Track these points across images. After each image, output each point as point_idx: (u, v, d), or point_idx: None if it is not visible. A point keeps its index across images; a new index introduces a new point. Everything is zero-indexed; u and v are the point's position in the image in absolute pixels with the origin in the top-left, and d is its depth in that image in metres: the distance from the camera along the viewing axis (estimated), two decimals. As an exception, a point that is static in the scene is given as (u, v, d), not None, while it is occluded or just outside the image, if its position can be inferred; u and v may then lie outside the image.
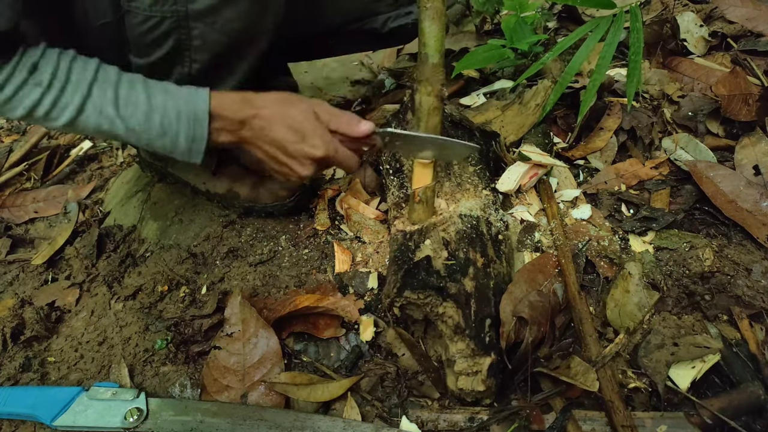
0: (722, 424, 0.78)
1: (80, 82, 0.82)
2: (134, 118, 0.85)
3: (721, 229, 1.06)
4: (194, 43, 0.90)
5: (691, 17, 1.52)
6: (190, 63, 0.94)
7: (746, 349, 0.87)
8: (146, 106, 0.85)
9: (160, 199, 1.32)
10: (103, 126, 0.85)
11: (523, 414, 0.82)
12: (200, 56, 0.93)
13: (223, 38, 0.91)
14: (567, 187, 1.17)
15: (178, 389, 0.94)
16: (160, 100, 0.86)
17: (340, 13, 1.30)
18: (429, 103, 0.90)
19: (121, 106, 0.84)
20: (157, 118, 0.85)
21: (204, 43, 0.91)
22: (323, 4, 1.29)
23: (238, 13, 0.89)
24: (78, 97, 0.82)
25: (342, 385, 0.88)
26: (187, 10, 0.86)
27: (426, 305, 0.84)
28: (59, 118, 0.83)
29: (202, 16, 0.87)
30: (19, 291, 1.21)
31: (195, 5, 0.85)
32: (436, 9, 0.84)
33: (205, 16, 0.87)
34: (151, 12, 0.85)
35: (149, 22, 0.87)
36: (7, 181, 1.60)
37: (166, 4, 0.84)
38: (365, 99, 1.63)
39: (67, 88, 0.82)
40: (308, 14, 1.27)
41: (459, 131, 1.11)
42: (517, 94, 1.33)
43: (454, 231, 0.92)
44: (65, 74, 0.81)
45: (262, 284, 1.09)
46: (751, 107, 1.22)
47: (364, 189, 1.23)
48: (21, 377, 1.01)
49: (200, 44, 0.91)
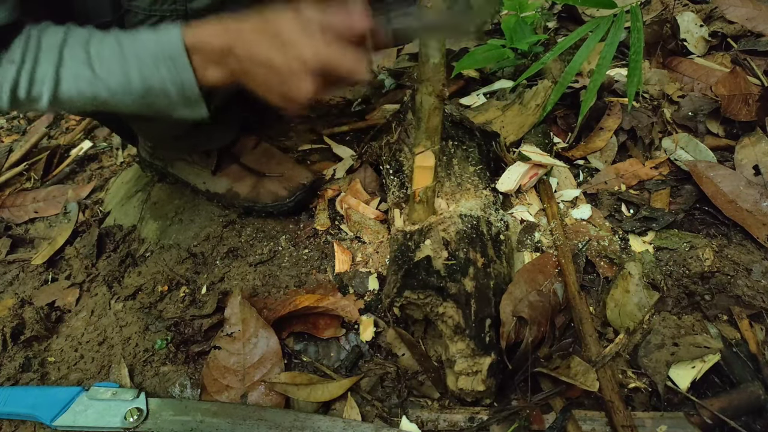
0: (722, 424, 0.78)
1: (50, 49, 0.77)
2: (113, 77, 0.78)
3: (721, 229, 1.06)
4: None
5: (691, 17, 1.52)
6: None
7: (746, 349, 0.87)
8: (120, 60, 0.78)
9: (160, 199, 1.32)
10: (86, 93, 0.79)
11: (523, 414, 0.82)
12: None
13: None
14: (567, 187, 1.17)
15: (178, 389, 0.95)
16: (131, 49, 0.79)
17: None
18: (430, 103, 0.90)
19: (95, 65, 0.78)
20: (135, 71, 0.79)
21: None
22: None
23: (238, 12, 0.89)
24: (51, 66, 0.77)
25: (342, 385, 0.88)
26: (186, 8, 0.85)
27: (426, 305, 0.84)
28: (41, 95, 0.78)
29: (201, 14, 0.86)
30: (19, 291, 1.21)
31: (194, 4, 0.85)
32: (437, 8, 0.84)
33: (205, 15, 0.86)
34: (150, 11, 0.85)
35: (149, 21, 0.86)
36: (7, 181, 1.59)
37: (166, 3, 0.84)
38: (365, 99, 1.62)
39: (40, 59, 0.77)
40: None
41: (459, 131, 1.11)
42: (517, 94, 1.33)
43: (455, 231, 0.92)
44: (35, 45, 0.77)
45: (262, 284, 1.09)
46: (751, 107, 1.22)
47: (364, 189, 1.23)
48: (21, 377, 1.01)
49: None
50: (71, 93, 0.79)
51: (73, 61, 0.78)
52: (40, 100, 0.79)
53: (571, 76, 1.22)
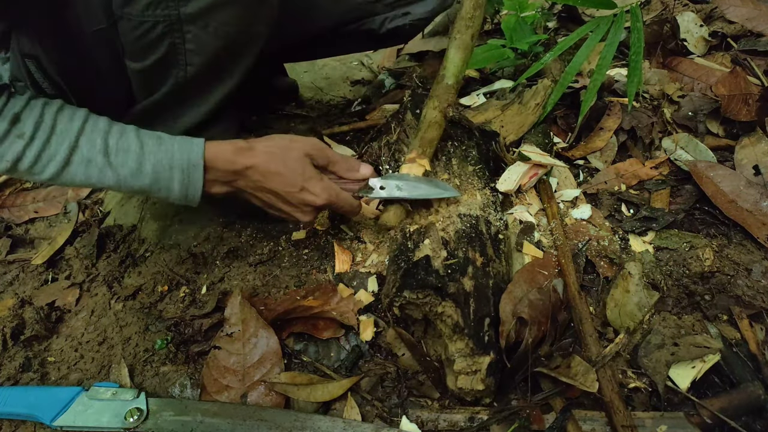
0: (722, 424, 0.78)
1: (66, 133, 0.81)
2: (126, 167, 0.83)
3: (721, 229, 1.05)
4: (188, 46, 0.90)
5: (691, 17, 1.52)
6: (185, 66, 0.93)
7: (746, 349, 0.87)
8: (138, 153, 0.83)
9: (160, 199, 1.32)
10: (91, 178, 0.82)
11: (523, 414, 0.82)
12: (195, 59, 0.92)
13: (218, 41, 0.91)
14: (567, 187, 1.17)
15: (178, 389, 0.94)
16: (153, 146, 0.84)
17: (336, 14, 1.30)
18: (432, 117, 0.95)
19: (112, 154, 0.82)
20: (149, 166, 0.84)
21: (198, 47, 0.90)
22: (319, 6, 1.29)
23: (231, 17, 0.89)
24: (64, 148, 0.80)
25: (342, 385, 0.88)
26: (179, 13, 0.85)
27: (425, 305, 0.84)
28: (43, 171, 0.81)
29: (194, 19, 0.86)
30: (19, 291, 1.21)
31: (187, 9, 0.85)
32: (464, 41, 0.96)
33: (197, 20, 0.87)
34: (144, 17, 0.85)
35: (142, 27, 0.86)
36: (7, 181, 1.60)
37: (159, 8, 0.84)
38: (365, 99, 1.63)
39: (52, 140, 0.80)
40: (304, 16, 1.27)
41: (458, 130, 1.11)
42: (517, 94, 1.33)
43: (454, 230, 0.92)
44: (50, 125, 0.80)
45: (262, 284, 1.09)
46: (751, 107, 1.22)
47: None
48: (21, 377, 1.01)
49: (194, 47, 0.90)
50: (76, 175, 0.82)
51: (90, 149, 0.82)
52: (40, 175, 0.81)
53: (571, 76, 1.21)
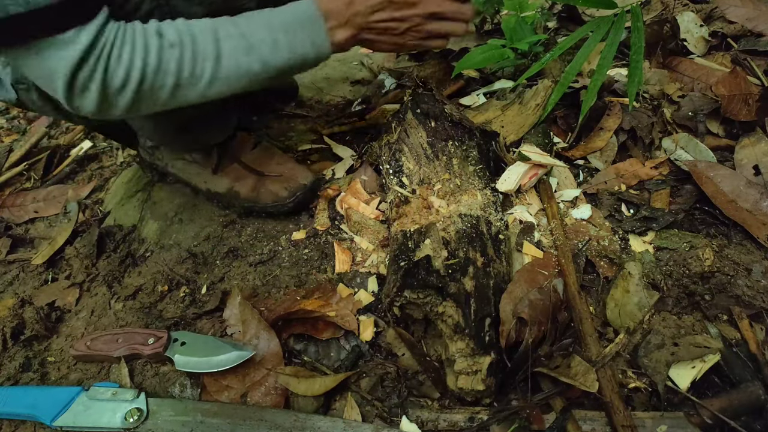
0: (722, 424, 0.78)
1: (204, 31, 0.82)
2: (265, 46, 0.85)
3: (721, 229, 1.05)
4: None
5: (691, 17, 1.52)
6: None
7: (746, 349, 0.87)
8: (268, 29, 0.85)
9: (160, 199, 1.32)
10: (242, 66, 0.84)
11: (523, 414, 0.82)
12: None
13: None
14: (567, 187, 1.17)
15: (178, 389, 0.94)
16: (276, 19, 0.87)
17: None
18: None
19: (248, 35, 0.84)
20: (282, 37, 0.86)
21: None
22: None
23: None
24: (209, 42, 0.81)
25: (336, 378, 0.89)
26: None
27: (426, 305, 0.84)
28: (203, 74, 0.82)
29: None
30: (19, 291, 1.21)
31: None
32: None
33: None
34: None
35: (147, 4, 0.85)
36: (7, 180, 1.60)
37: None
38: (365, 99, 1.62)
39: (198, 40, 0.81)
40: None
41: (459, 131, 1.11)
42: (517, 94, 1.33)
43: (454, 230, 0.92)
44: (187, 30, 0.81)
45: (262, 284, 1.09)
46: (751, 107, 1.22)
47: (364, 189, 1.23)
48: (21, 377, 1.01)
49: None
50: (230, 68, 0.84)
51: (226, 36, 0.83)
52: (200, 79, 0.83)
53: (572, 76, 1.21)
